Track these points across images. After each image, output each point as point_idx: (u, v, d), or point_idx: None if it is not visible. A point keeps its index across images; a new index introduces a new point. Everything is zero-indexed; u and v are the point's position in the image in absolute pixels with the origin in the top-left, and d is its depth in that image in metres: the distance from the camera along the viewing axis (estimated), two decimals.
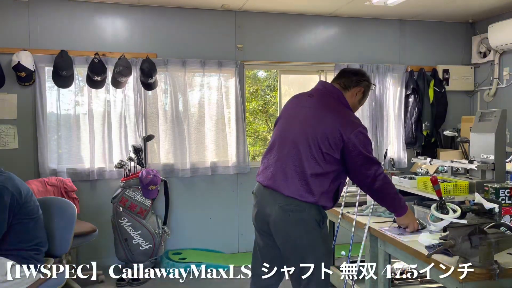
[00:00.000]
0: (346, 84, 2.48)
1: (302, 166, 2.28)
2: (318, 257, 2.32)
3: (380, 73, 5.16)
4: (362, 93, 2.50)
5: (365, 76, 2.54)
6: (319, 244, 2.35)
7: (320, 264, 2.30)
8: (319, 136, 2.28)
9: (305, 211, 2.29)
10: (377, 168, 2.31)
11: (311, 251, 2.33)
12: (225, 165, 4.84)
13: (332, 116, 2.33)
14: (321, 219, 2.36)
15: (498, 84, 5.15)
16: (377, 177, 2.31)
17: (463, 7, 4.87)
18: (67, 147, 4.46)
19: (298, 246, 2.34)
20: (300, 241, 2.32)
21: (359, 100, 2.52)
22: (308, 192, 2.27)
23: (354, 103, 2.49)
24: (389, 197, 2.40)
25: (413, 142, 5.28)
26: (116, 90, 4.50)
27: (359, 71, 2.58)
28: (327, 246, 2.44)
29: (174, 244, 4.71)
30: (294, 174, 2.29)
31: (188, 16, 4.73)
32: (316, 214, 2.32)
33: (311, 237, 2.33)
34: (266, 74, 6.10)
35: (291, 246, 2.35)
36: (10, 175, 2.60)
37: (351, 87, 2.47)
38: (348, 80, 2.48)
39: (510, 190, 2.40)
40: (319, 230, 2.35)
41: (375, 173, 2.30)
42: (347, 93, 2.47)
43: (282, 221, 2.32)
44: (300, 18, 5.03)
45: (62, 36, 4.39)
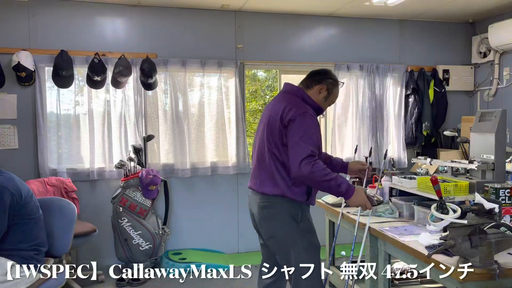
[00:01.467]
0: (308, 83, 2.57)
1: (267, 162, 2.44)
2: (300, 252, 2.40)
3: (380, 73, 5.16)
4: (326, 91, 2.54)
5: (329, 74, 2.59)
6: (298, 238, 2.42)
7: (306, 261, 2.37)
8: (273, 129, 2.42)
9: (276, 206, 2.42)
10: (307, 155, 2.28)
11: (291, 246, 2.42)
12: (225, 165, 4.84)
13: (281, 106, 2.43)
14: (297, 213, 2.42)
15: (498, 84, 5.15)
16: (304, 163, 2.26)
17: (463, 7, 4.87)
18: (67, 147, 4.46)
19: (278, 242, 2.46)
20: (279, 237, 2.45)
21: (325, 98, 2.56)
22: (274, 185, 2.41)
23: (319, 100, 2.54)
24: (323, 184, 2.31)
25: (413, 142, 5.28)
26: (116, 90, 4.50)
27: (323, 71, 2.61)
28: (309, 240, 2.46)
29: (174, 244, 4.71)
30: (262, 172, 2.47)
31: (188, 16, 4.73)
32: (289, 209, 2.41)
33: (288, 231, 2.43)
34: (265, 74, 6.10)
35: (273, 242, 2.49)
36: (10, 175, 2.60)
37: (313, 85, 2.55)
38: (311, 80, 2.57)
39: (510, 190, 2.40)
40: (296, 224, 2.43)
41: (305, 158, 2.27)
42: (310, 91, 2.54)
43: (261, 218, 2.49)
44: (300, 18, 5.03)
45: (62, 36, 4.39)
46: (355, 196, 2.37)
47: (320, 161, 2.31)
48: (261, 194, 2.46)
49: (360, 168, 2.79)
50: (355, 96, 5.13)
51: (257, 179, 2.50)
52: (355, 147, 4.54)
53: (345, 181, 2.35)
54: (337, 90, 2.61)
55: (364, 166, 2.78)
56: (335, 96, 2.61)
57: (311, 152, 2.29)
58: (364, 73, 5.12)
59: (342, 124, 5.13)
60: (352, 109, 5.13)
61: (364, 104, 5.12)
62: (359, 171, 2.80)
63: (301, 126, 2.34)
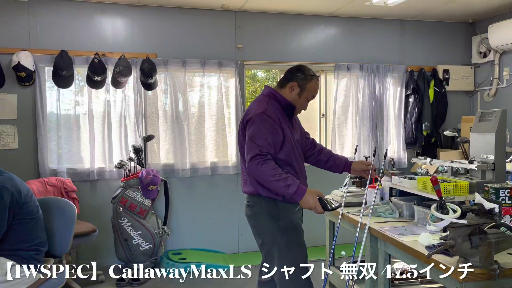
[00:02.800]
0: (282, 82, 2.59)
1: (242, 164, 2.57)
2: (282, 250, 2.44)
3: (380, 73, 5.16)
4: (298, 87, 2.54)
5: (300, 70, 2.57)
6: (278, 236, 2.46)
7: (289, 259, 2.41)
8: (241, 132, 2.52)
9: (255, 206, 2.50)
10: (255, 154, 2.32)
11: (272, 244, 2.47)
12: (225, 165, 4.84)
13: (246, 110, 2.56)
14: (276, 211, 2.46)
15: (498, 84, 5.15)
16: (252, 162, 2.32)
17: (463, 7, 4.87)
18: (67, 147, 4.46)
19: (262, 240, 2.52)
20: (261, 234, 2.52)
21: (298, 94, 2.55)
22: (251, 185, 2.50)
23: (293, 98, 2.55)
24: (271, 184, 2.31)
25: (413, 142, 5.29)
26: (116, 90, 4.50)
27: (295, 67, 2.61)
28: (289, 238, 2.48)
29: (174, 244, 4.71)
30: (243, 173, 2.58)
31: (188, 16, 4.73)
32: (267, 207, 2.47)
33: (268, 229, 2.48)
34: (264, 75, 6.09)
35: (257, 240, 2.56)
36: (10, 175, 2.60)
37: (285, 84, 2.56)
38: (284, 78, 2.60)
39: (510, 190, 2.40)
40: (275, 222, 2.47)
41: (253, 157, 2.32)
42: (284, 90, 2.56)
43: (246, 216, 2.61)
44: (300, 18, 5.03)
45: (62, 36, 4.39)
46: (305, 198, 2.30)
47: (270, 161, 2.32)
48: (246, 194, 2.58)
49: (364, 168, 2.79)
50: (355, 96, 5.13)
51: (242, 180, 2.62)
52: (355, 147, 4.55)
53: (295, 182, 2.31)
54: (311, 85, 2.57)
55: (367, 166, 2.78)
56: (310, 91, 2.58)
57: (259, 151, 2.32)
58: (364, 73, 5.12)
59: (342, 124, 5.14)
60: (352, 109, 5.13)
61: (364, 104, 5.12)
62: (362, 171, 2.80)
63: (253, 125, 2.40)
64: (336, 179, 3.86)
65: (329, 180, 3.78)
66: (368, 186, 3.14)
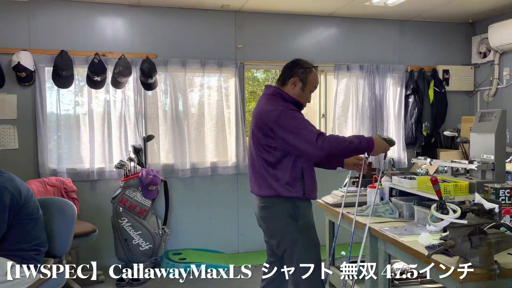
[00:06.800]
0: (282, 80, 2.57)
1: (258, 166, 2.50)
2: (301, 250, 2.43)
3: (380, 73, 5.16)
4: (301, 82, 2.53)
5: (298, 65, 2.56)
6: (297, 237, 2.45)
7: (307, 259, 2.41)
8: (259, 133, 2.46)
9: (274, 206, 2.47)
10: (316, 135, 2.32)
11: (292, 244, 2.44)
12: (225, 165, 4.84)
13: (260, 112, 2.49)
14: (295, 212, 2.45)
15: (498, 84, 5.14)
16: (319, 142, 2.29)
17: (463, 7, 4.87)
18: (67, 147, 4.46)
19: (279, 241, 2.49)
20: (279, 236, 2.48)
21: (302, 89, 2.54)
22: (269, 187, 2.46)
23: (296, 93, 2.53)
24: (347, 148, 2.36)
25: (413, 142, 5.28)
26: (116, 90, 4.50)
27: (292, 62, 2.60)
28: (308, 238, 2.49)
29: (174, 244, 4.71)
30: (257, 176, 2.53)
31: (188, 16, 4.73)
32: (288, 207, 2.45)
33: (287, 230, 2.46)
34: (264, 75, 6.09)
35: (274, 242, 2.52)
36: (10, 175, 2.60)
37: (286, 81, 2.55)
38: (283, 76, 2.58)
39: (510, 190, 2.40)
40: (294, 223, 2.45)
41: (316, 139, 2.30)
42: (286, 88, 2.54)
43: (261, 218, 2.56)
44: (300, 18, 5.03)
45: (62, 36, 4.39)
46: (376, 145, 2.41)
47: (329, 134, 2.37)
48: (260, 197, 2.52)
49: (356, 162, 2.80)
50: (355, 96, 5.13)
51: (254, 183, 2.57)
52: None
53: (360, 136, 2.43)
54: (312, 76, 2.56)
55: (360, 160, 2.79)
56: (312, 83, 2.57)
57: (316, 131, 2.34)
58: (364, 73, 5.12)
59: (342, 124, 5.13)
60: (352, 109, 5.13)
61: (364, 104, 5.12)
62: (355, 165, 2.81)
63: (291, 120, 2.37)
64: (336, 179, 3.87)
65: (329, 180, 3.79)
66: (368, 186, 3.14)
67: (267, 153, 2.44)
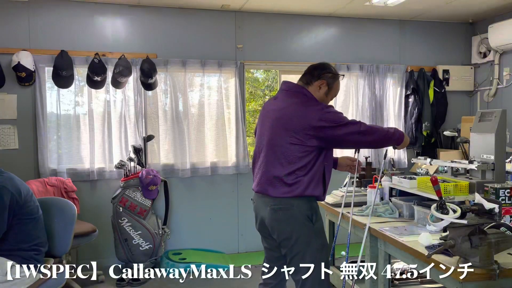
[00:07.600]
0: (307, 80, 2.52)
1: (278, 166, 2.38)
2: (314, 252, 2.38)
3: (380, 73, 5.16)
4: (327, 86, 2.51)
5: (327, 69, 2.54)
6: (313, 239, 2.40)
7: (318, 261, 2.36)
8: (285, 134, 2.36)
9: (293, 208, 2.37)
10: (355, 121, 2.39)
11: (306, 247, 2.38)
12: (225, 165, 4.84)
13: (294, 110, 2.40)
14: (312, 213, 2.40)
15: (498, 84, 5.15)
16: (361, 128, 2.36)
17: (463, 7, 4.87)
18: (67, 147, 4.46)
19: (293, 244, 2.39)
20: (295, 238, 2.39)
21: (326, 93, 2.52)
22: (280, 186, 2.36)
23: (320, 96, 2.50)
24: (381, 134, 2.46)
25: (413, 142, 5.28)
26: (116, 90, 4.50)
27: (320, 65, 2.57)
28: (322, 241, 2.46)
29: (174, 244, 4.71)
30: (274, 176, 2.39)
31: (188, 16, 4.73)
32: (306, 209, 2.38)
33: (304, 233, 2.39)
34: (263, 76, 6.10)
35: (287, 244, 2.41)
36: (10, 175, 2.60)
37: (312, 81, 2.51)
38: (310, 76, 2.52)
39: (510, 190, 2.40)
40: (311, 225, 2.40)
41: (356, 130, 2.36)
42: (310, 88, 2.50)
43: (274, 220, 2.41)
44: (300, 18, 5.03)
45: (62, 36, 4.39)
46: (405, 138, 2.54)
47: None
48: (274, 198, 2.39)
49: (349, 163, 2.79)
50: (355, 96, 5.13)
51: (266, 183, 2.42)
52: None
53: (393, 127, 2.55)
54: (337, 84, 2.56)
55: (353, 162, 2.78)
56: (336, 90, 2.57)
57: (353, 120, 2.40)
58: (364, 73, 5.12)
59: None
60: (352, 109, 5.13)
61: (364, 104, 5.12)
62: (348, 167, 2.80)
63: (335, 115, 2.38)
64: (336, 179, 3.85)
65: None
66: (368, 186, 3.15)
67: (295, 154, 2.35)
